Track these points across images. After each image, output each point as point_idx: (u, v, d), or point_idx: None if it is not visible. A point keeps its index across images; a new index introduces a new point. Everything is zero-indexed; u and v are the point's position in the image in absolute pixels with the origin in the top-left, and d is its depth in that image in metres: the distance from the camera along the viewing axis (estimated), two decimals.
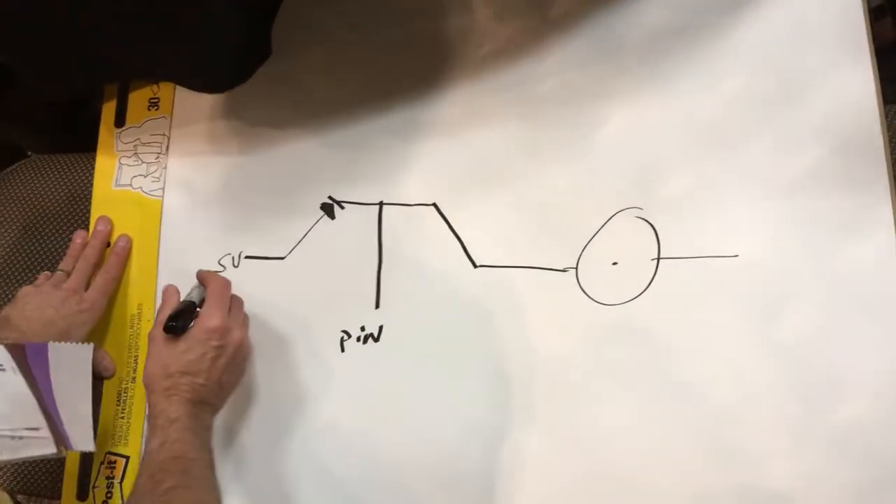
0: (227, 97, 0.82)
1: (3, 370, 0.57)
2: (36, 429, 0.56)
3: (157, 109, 0.84)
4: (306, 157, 0.78)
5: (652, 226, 0.66)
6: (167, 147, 0.82)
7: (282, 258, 0.76)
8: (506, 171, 0.71)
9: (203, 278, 0.69)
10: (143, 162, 0.82)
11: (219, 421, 0.72)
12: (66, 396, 0.60)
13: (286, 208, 0.77)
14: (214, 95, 0.82)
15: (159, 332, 0.64)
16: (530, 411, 0.66)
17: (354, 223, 0.74)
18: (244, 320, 0.70)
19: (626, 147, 0.68)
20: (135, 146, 0.83)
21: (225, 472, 0.71)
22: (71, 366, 0.62)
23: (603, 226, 0.68)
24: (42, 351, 0.62)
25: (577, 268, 0.68)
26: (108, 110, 0.85)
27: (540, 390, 0.67)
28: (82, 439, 0.60)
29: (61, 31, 0.72)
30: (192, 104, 0.83)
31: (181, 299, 0.68)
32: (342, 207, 0.76)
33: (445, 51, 0.76)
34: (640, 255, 0.66)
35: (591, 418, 0.65)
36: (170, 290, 0.69)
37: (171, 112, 0.83)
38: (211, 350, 0.63)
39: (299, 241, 0.76)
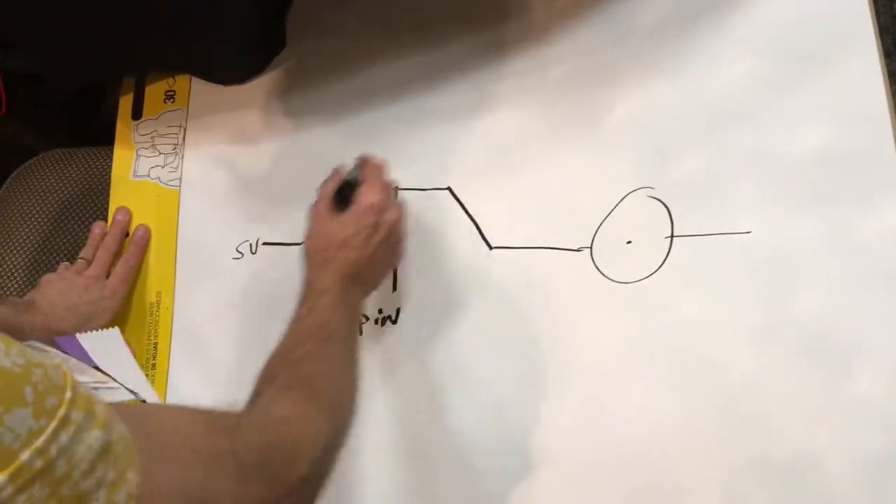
0: (242, 89, 0.83)
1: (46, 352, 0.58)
2: (104, 382, 0.57)
3: (173, 102, 0.85)
4: (321, 144, 0.79)
5: (665, 204, 0.68)
6: (184, 138, 0.83)
7: (299, 244, 0.77)
8: (519, 154, 0.73)
9: (363, 162, 0.68)
10: (160, 153, 0.83)
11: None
12: (115, 371, 0.60)
13: (302, 195, 0.77)
14: (230, 87, 0.83)
15: (323, 205, 0.65)
16: (548, 391, 0.67)
17: None
18: (400, 204, 0.69)
19: (637, 128, 0.70)
20: (152, 138, 0.84)
21: None
22: (107, 348, 0.63)
23: (616, 205, 0.69)
24: (73, 342, 0.62)
25: (591, 247, 0.69)
26: (125, 103, 0.86)
27: (557, 369, 0.68)
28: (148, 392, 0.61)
29: (80, 22, 0.73)
30: (207, 96, 0.84)
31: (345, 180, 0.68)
32: None
33: (458, 38, 0.77)
34: (653, 234, 0.67)
35: (608, 395, 0.66)
36: (338, 169, 0.69)
37: (188, 104, 0.85)
38: (367, 226, 0.63)
39: None
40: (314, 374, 0.55)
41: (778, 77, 0.66)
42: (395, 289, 0.73)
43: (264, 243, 0.78)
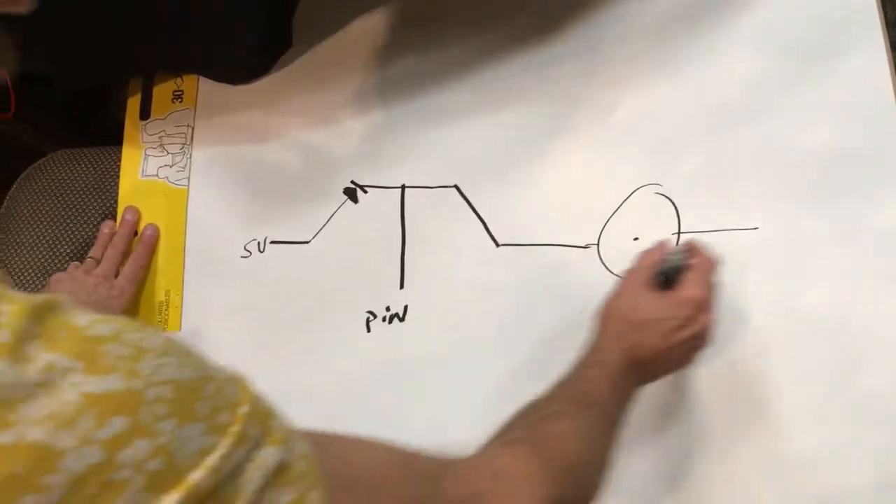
0: (249, 88, 0.83)
1: None
2: None
3: (181, 102, 0.85)
4: (328, 143, 0.80)
5: (672, 201, 0.68)
6: (192, 138, 0.84)
7: (307, 242, 0.77)
8: (525, 152, 0.73)
9: (692, 249, 0.61)
10: (168, 153, 0.84)
11: None
12: None
13: (310, 194, 0.79)
14: (237, 87, 0.83)
15: (641, 277, 0.59)
16: None
17: (377, 206, 0.76)
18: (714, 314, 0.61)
19: (643, 125, 0.70)
20: (160, 137, 0.85)
21: None
22: None
23: (623, 202, 0.69)
24: None
25: (598, 244, 0.69)
26: (133, 103, 0.87)
27: (565, 365, 0.67)
28: None
29: (87, 23, 0.74)
30: (215, 96, 0.85)
31: (665, 257, 0.61)
32: (365, 191, 0.77)
33: (464, 37, 0.77)
34: (660, 230, 0.67)
35: None
36: (663, 243, 0.62)
37: (195, 104, 0.85)
38: (680, 318, 0.56)
39: (323, 226, 0.77)
40: (554, 435, 0.49)
41: (784, 73, 0.66)
42: (402, 286, 0.73)
43: (272, 242, 0.78)
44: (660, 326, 0.56)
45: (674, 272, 0.58)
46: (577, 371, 0.55)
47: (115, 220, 0.82)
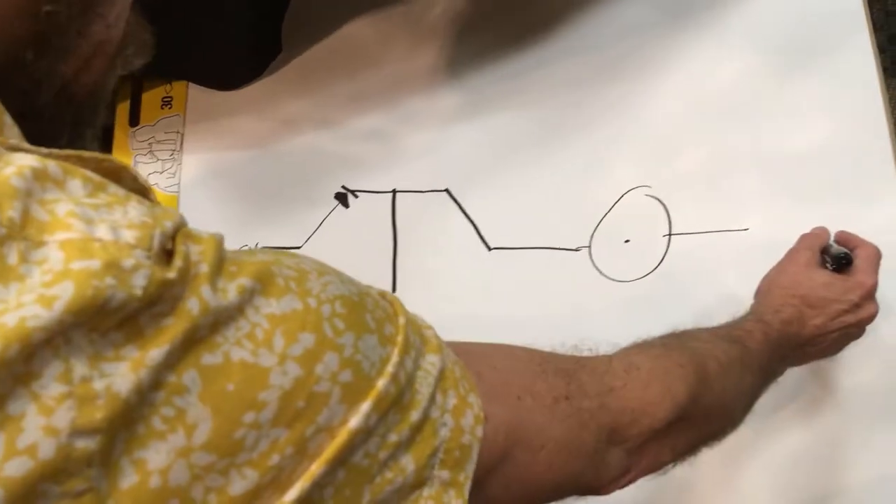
0: (239, 94, 0.83)
1: None
2: None
3: (170, 108, 0.85)
4: (319, 148, 0.79)
5: (662, 203, 0.68)
6: (181, 144, 0.84)
7: (297, 247, 0.77)
8: (516, 155, 0.73)
9: (853, 241, 0.60)
10: (158, 159, 0.83)
11: None
12: None
13: (300, 199, 0.78)
14: (227, 92, 0.83)
15: (805, 256, 0.57)
16: None
17: (368, 211, 0.76)
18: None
19: (634, 127, 0.70)
20: (149, 144, 0.84)
21: None
22: None
23: (614, 205, 0.69)
24: None
25: (590, 246, 0.69)
26: (122, 110, 0.86)
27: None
28: None
29: None
30: (204, 102, 0.84)
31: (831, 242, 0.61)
32: (356, 196, 0.77)
33: (454, 40, 0.77)
34: (651, 232, 0.67)
35: None
36: (824, 228, 0.61)
37: (185, 110, 0.85)
38: (846, 302, 0.55)
39: (314, 231, 0.77)
40: (695, 350, 0.47)
41: (774, 74, 0.66)
42: (394, 290, 0.73)
43: (263, 248, 0.78)
44: (829, 307, 0.54)
45: (843, 257, 0.58)
46: (731, 323, 0.53)
47: None
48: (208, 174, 0.82)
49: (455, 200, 0.74)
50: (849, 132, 0.64)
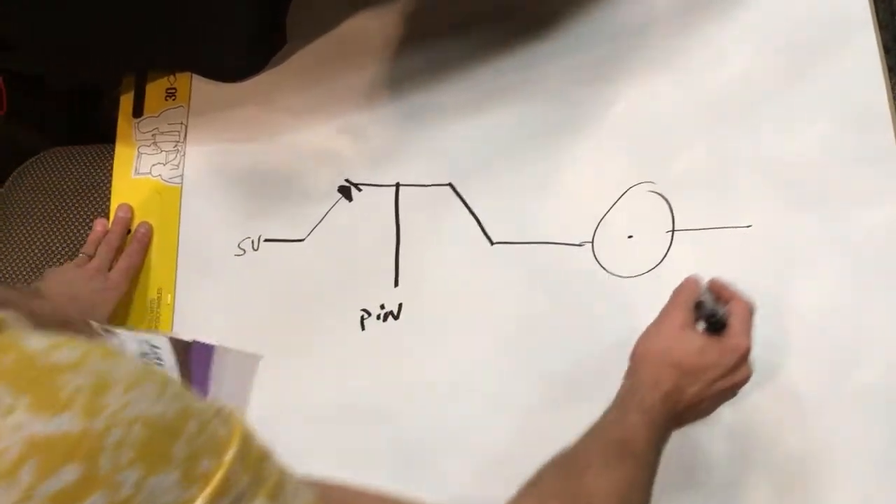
0: (243, 86, 0.83)
1: (162, 364, 0.56)
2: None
3: (174, 99, 0.85)
4: (323, 141, 0.80)
5: (665, 199, 0.68)
6: (185, 135, 0.84)
7: (301, 240, 0.77)
8: (520, 150, 0.73)
9: (726, 293, 0.58)
10: (161, 150, 0.84)
11: None
12: (221, 392, 0.57)
13: (304, 192, 0.79)
14: (231, 84, 0.83)
15: (680, 317, 0.56)
16: (551, 385, 0.67)
17: (372, 204, 0.76)
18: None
19: (638, 123, 0.70)
20: (153, 135, 0.84)
21: None
22: (234, 375, 0.60)
23: (618, 200, 0.69)
24: (207, 353, 0.60)
25: (592, 242, 0.69)
26: (126, 101, 0.86)
27: (559, 364, 0.68)
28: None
29: (80, 22, 0.74)
30: (208, 93, 0.84)
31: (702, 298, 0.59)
32: (359, 190, 0.77)
33: (458, 34, 0.77)
34: (654, 228, 0.67)
35: (611, 388, 0.66)
36: (693, 279, 0.59)
37: (189, 102, 0.85)
38: (721, 367, 0.54)
39: (318, 224, 0.77)
40: (593, 490, 0.48)
41: (778, 72, 0.66)
42: (396, 284, 0.73)
43: (266, 240, 0.78)
44: (705, 374, 0.54)
45: (717, 321, 0.57)
46: (615, 415, 0.53)
47: (108, 218, 0.82)
48: (212, 166, 0.82)
49: (458, 195, 0.74)
50: (853, 130, 0.63)
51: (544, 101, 0.73)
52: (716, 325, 0.56)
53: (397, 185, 0.76)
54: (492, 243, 0.72)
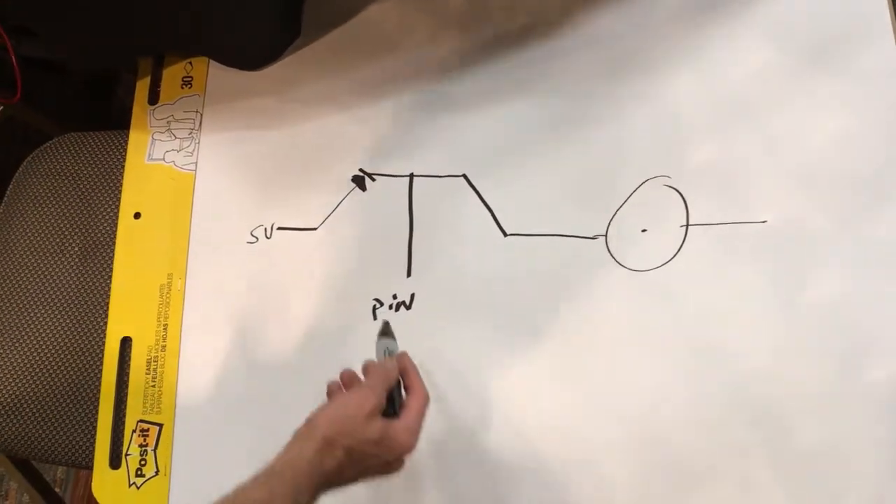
0: (258, 75, 0.83)
1: None
2: None
3: (190, 87, 0.85)
4: (337, 131, 0.80)
5: (680, 193, 0.68)
6: (200, 123, 0.84)
7: (314, 229, 0.77)
8: (534, 142, 0.73)
9: (409, 378, 0.64)
10: (175, 137, 0.84)
11: (253, 391, 0.74)
12: None
13: (318, 181, 0.79)
14: (247, 74, 0.83)
15: (378, 403, 0.59)
16: (562, 377, 0.67)
17: (385, 195, 0.76)
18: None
19: (653, 117, 0.70)
20: (168, 122, 0.84)
21: (257, 441, 0.72)
22: None
23: (632, 194, 0.69)
24: None
25: (606, 235, 0.69)
26: (142, 88, 0.86)
27: (571, 356, 0.68)
28: None
29: (102, 5, 0.74)
30: (224, 82, 0.85)
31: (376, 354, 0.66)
32: (373, 179, 0.77)
33: (474, 27, 0.77)
34: (669, 222, 0.67)
35: (622, 382, 0.66)
36: (395, 359, 0.65)
37: (204, 90, 0.85)
38: (380, 459, 0.59)
39: (331, 213, 0.77)
40: None
41: (795, 67, 0.66)
42: (409, 274, 0.73)
43: (279, 228, 0.78)
44: (367, 461, 0.59)
45: (395, 404, 0.62)
46: (266, 479, 0.56)
47: (119, 202, 0.82)
48: (226, 154, 0.82)
49: (472, 186, 0.74)
50: (869, 127, 0.63)
51: (560, 95, 0.73)
52: (392, 413, 0.61)
53: (411, 176, 0.76)
54: (505, 235, 0.72)
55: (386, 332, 0.69)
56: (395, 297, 0.73)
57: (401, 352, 0.67)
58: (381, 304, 0.73)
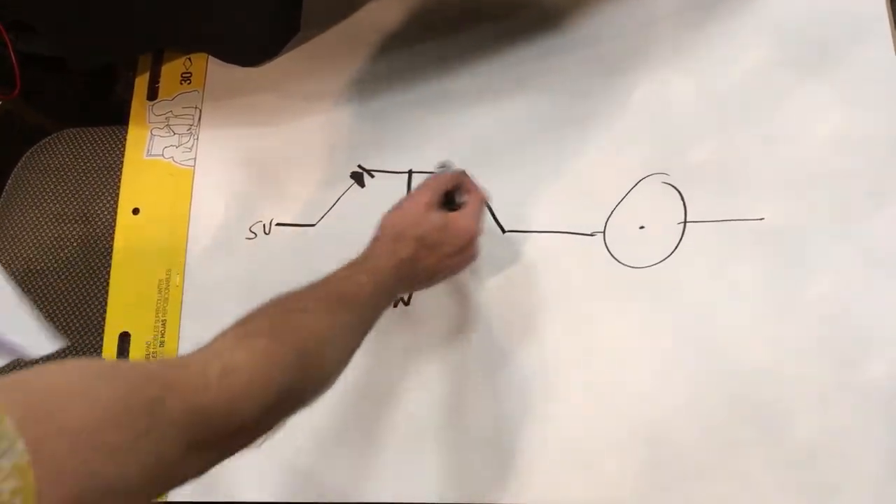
0: (257, 71, 0.84)
1: None
2: None
3: (189, 83, 0.85)
4: (336, 127, 0.80)
5: (678, 190, 0.68)
6: (199, 119, 0.84)
7: (312, 225, 0.77)
8: (533, 139, 0.73)
9: (464, 184, 0.67)
10: (174, 133, 0.84)
11: None
12: None
13: (316, 177, 0.79)
14: (246, 70, 0.83)
15: (428, 197, 0.63)
16: (560, 373, 0.67)
17: (384, 191, 0.76)
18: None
19: (651, 115, 0.70)
20: (167, 118, 0.85)
21: None
22: None
23: (630, 191, 0.69)
24: None
25: (604, 232, 0.69)
26: (141, 84, 0.87)
27: (569, 353, 0.68)
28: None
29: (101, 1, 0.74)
30: (223, 79, 0.85)
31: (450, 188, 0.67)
32: (372, 176, 0.77)
33: (473, 22, 0.78)
34: (666, 219, 0.68)
35: (620, 379, 0.66)
36: (446, 164, 0.69)
37: (203, 86, 0.85)
38: (454, 245, 0.63)
39: (329, 209, 0.77)
40: (297, 327, 0.51)
41: (793, 65, 0.67)
42: None
43: (277, 224, 0.78)
44: (439, 249, 0.62)
45: (452, 197, 0.66)
46: (344, 273, 0.58)
47: (118, 197, 0.82)
48: (225, 150, 0.82)
49: None
50: (866, 125, 0.64)
51: (559, 92, 0.73)
52: (453, 202, 0.66)
53: (410, 172, 0.76)
54: (503, 231, 0.72)
55: (444, 164, 0.70)
56: None
57: (458, 168, 0.69)
58: None
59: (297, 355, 0.48)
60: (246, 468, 0.69)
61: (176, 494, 0.54)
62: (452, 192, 0.66)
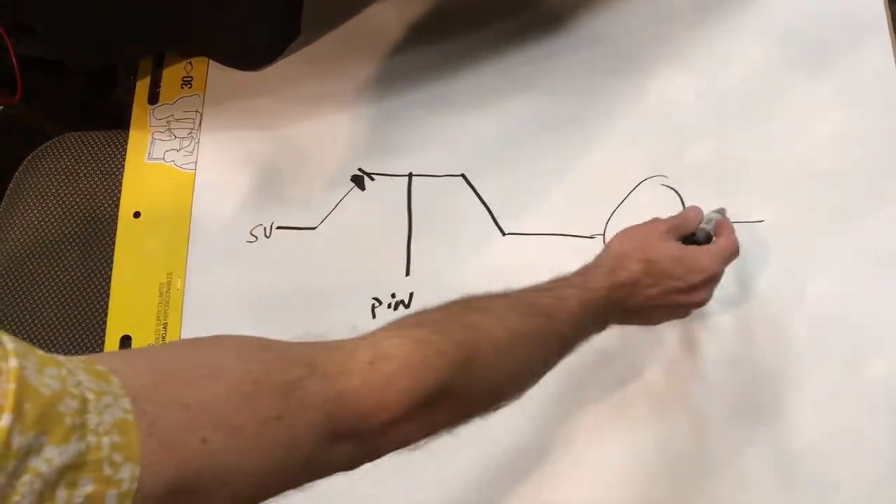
0: (258, 75, 0.83)
1: None
2: None
3: (190, 87, 0.86)
4: (336, 131, 0.80)
5: (678, 193, 0.68)
6: (200, 123, 0.84)
7: (313, 228, 0.78)
8: (533, 142, 0.73)
9: (723, 227, 0.59)
10: (175, 137, 0.84)
11: None
12: None
13: (317, 181, 0.79)
14: (246, 74, 0.84)
15: (667, 226, 0.57)
16: (561, 375, 0.67)
17: (384, 194, 0.76)
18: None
19: (651, 117, 0.71)
20: (168, 122, 0.85)
21: None
22: None
23: (629, 193, 0.69)
24: None
25: (604, 234, 0.69)
26: (142, 88, 0.87)
27: (570, 355, 0.68)
28: None
29: (101, 2, 0.74)
30: (224, 82, 0.85)
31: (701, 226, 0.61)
32: (372, 179, 0.78)
33: (474, 25, 0.78)
34: None
35: (619, 378, 0.66)
36: (696, 208, 0.60)
37: (204, 90, 0.85)
38: (684, 281, 0.54)
39: (330, 212, 0.77)
40: (471, 324, 0.44)
41: (792, 67, 0.67)
42: (408, 273, 0.73)
43: (278, 227, 0.78)
44: (669, 281, 0.54)
45: (703, 237, 0.58)
46: (547, 284, 0.52)
47: (119, 202, 0.83)
48: (226, 153, 0.82)
49: (471, 185, 0.74)
50: (866, 126, 0.64)
51: (558, 94, 0.74)
52: (698, 239, 0.58)
53: (410, 175, 0.76)
54: (503, 234, 0.72)
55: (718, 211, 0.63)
56: (393, 295, 0.73)
57: (720, 208, 0.62)
58: (380, 303, 0.73)
59: (462, 353, 0.42)
60: None
61: None
62: (695, 235, 0.59)
